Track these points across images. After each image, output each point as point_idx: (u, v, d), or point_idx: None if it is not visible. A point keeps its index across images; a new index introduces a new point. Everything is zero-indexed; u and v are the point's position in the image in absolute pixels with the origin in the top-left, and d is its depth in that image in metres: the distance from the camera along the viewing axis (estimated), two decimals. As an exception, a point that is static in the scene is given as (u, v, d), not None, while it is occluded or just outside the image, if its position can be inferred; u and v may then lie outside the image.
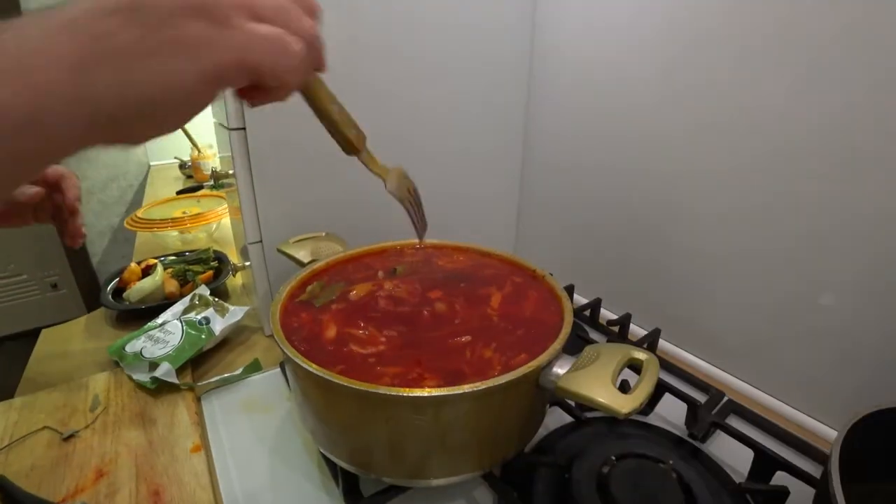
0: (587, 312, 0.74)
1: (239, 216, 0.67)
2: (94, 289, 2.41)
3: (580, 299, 0.79)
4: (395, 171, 0.42)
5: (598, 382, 0.32)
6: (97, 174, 2.25)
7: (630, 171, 0.70)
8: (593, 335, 0.70)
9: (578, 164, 0.78)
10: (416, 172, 0.52)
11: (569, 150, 0.79)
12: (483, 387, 0.33)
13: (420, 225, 0.45)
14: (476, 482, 0.46)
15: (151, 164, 2.28)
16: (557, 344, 0.37)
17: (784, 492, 0.43)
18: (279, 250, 0.56)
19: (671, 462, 0.44)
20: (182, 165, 1.93)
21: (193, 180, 1.78)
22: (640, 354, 0.35)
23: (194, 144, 1.78)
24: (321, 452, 0.44)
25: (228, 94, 0.53)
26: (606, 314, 0.76)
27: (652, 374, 0.33)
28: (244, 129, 0.57)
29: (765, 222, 0.56)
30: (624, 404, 0.30)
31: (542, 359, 0.35)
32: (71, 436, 0.54)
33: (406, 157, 0.69)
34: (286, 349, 0.37)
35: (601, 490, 0.41)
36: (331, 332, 0.42)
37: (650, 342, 0.66)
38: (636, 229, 0.71)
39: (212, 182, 1.49)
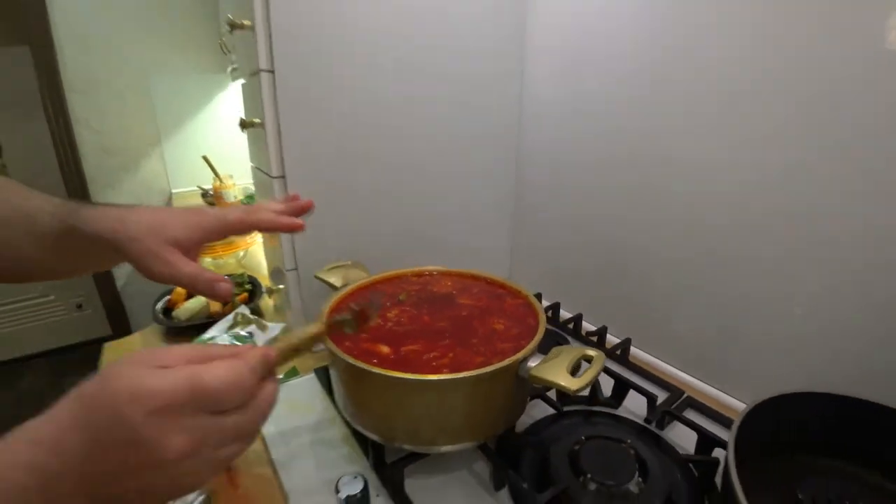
0: (571, 325, 0.87)
1: (275, 245, 0.81)
2: (118, 309, 2.56)
3: (565, 314, 0.91)
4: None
5: (557, 370, 0.45)
6: (120, 200, 2.39)
7: (610, 198, 0.83)
8: (575, 343, 0.83)
9: (564, 195, 0.92)
10: (421, 201, 0.66)
11: (557, 181, 0.93)
12: (477, 373, 0.46)
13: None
14: (476, 456, 0.58)
15: (173, 191, 2.43)
16: (531, 345, 0.50)
17: (715, 462, 0.55)
18: (316, 276, 0.70)
19: (630, 441, 0.56)
20: (204, 194, 2.08)
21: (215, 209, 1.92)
22: (591, 352, 0.48)
23: (216, 174, 1.93)
24: (354, 430, 0.57)
25: (272, 144, 0.67)
26: (588, 326, 0.88)
27: (597, 365, 0.46)
28: (284, 177, 0.72)
29: (718, 251, 0.69)
30: (573, 383, 0.43)
31: (519, 355, 0.48)
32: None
33: (409, 184, 0.84)
34: (334, 349, 0.50)
35: (572, 462, 0.54)
36: (362, 343, 0.55)
37: (623, 349, 0.79)
38: (613, 253, 0.84)
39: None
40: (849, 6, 0.52)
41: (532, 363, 0.48)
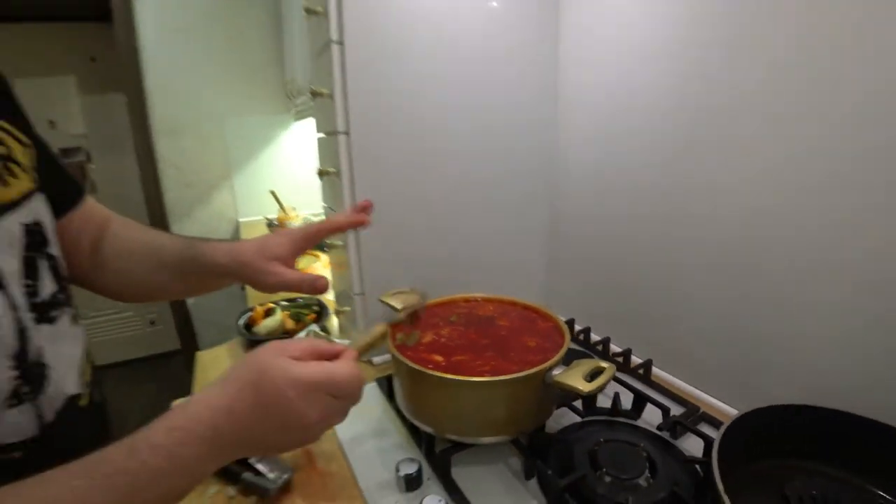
0: (600, 347, 0.97)
1: (344, 272, 0.96)
2: (187, 325, 2.79)
3: (595, 337, 1.02)
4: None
5: (575, 377, 0.57)
6: (193, 228, 2.65)
7: (638, 232, 0.94)
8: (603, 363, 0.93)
9: (594, 227, 1.04)
10: (468, 234, 0.79)
11: (588, 214, 1.05)
12: (511, 377, 0.58)
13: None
14: (510, 452, 0.70)
15: (240, 220, 2.67)
16: (556, 357, 0.62)
17: (717, 463, 0.64)
18: (380, 300, 0.84)
19: (643, 445, 0.67)
20: (269, 224, 2.30)
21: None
22: (603, 364, 0.60)
23: (281, 207, 2.14)
24: (410, 426, 0.70)
25: (346, 190, 0.82)
26: (616, 348, 0.98)
27: (608, 374, 0.57)
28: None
29: (741, 288, 0.79)
30: (586, 387, 0.54)
31: (545, 365, 0.60)
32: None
33: (458, 219, 0.98)
34: (398, 355, 0.63)
35: (591, 458, 0.65)
36: (421, 353, 0.69)
37: (645, 368, 0.89)
38: (641, 283, 0.95)
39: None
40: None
41: (556, 372, 0.60)
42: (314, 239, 0.64)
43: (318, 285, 0.60)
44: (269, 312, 1.18)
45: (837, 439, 0.61)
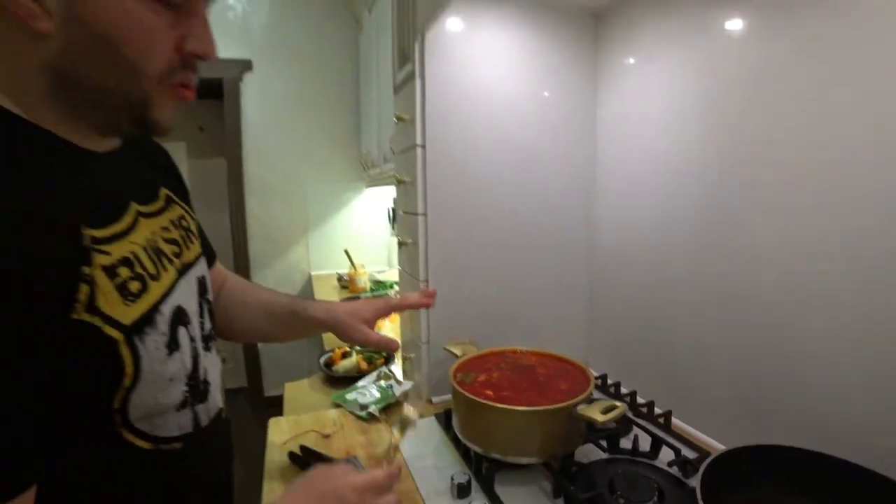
0: (628, 399, 1.13)
1: (414, 325, 1.18)
2: (255, 365, 3.06)
3: (624, 390, 1.17)
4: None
5: (593, 410, 0.74)
6: (270, 277, 2.98)
7: (665, 291, 1.11)
8: (627, 412, 1.08)
9: (627, 289, 1.21)
10: (517, 295, 1.00)
11: (622, 277, 1.23)
12: (545, 408, 0.77)
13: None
14: (544, 475, 0.86)
15: (312, 273, 2.98)
16: (581, 396, 0.80)
17: (715, 496, 0.79)
18: (445, 348, 1.05)
19: (655, 478, 0.82)
20: (339, 278, 2.58)
21: (348, 291, 2.40)
22: (617, 403, 0.77)
23: (353, 264, 2.42)
24: (463, 446, 0.88)
25: (421, 258, 1.05)
26: (642, 399, 1.13)
27: (619, 410, 0.74)
28: (427, 281, 1.09)
29: (755, 343, 0.94)
30: (601, 417, 0.72)
31: (572, 401, 0.78)
32: (327, 436, 1.02)
33: (509, 283, 1.17)
34: (458, 388, 0.83)
35: (610, 484, 0.80)
36: (476, 389, 0.88)
37: (665, 417, 1.03)
38: (665, 338, 1.11)
39: (369, 294, 2.07)
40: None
41: (580, 407, 0.78)
42: (392, 311, 0.84)
43: (392, 347, 0.80)
44: (345, 355, 1.41)
45: (816, 477, 0.74)
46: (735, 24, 0.86)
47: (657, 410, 1.08)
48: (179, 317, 0.55)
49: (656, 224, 1.09)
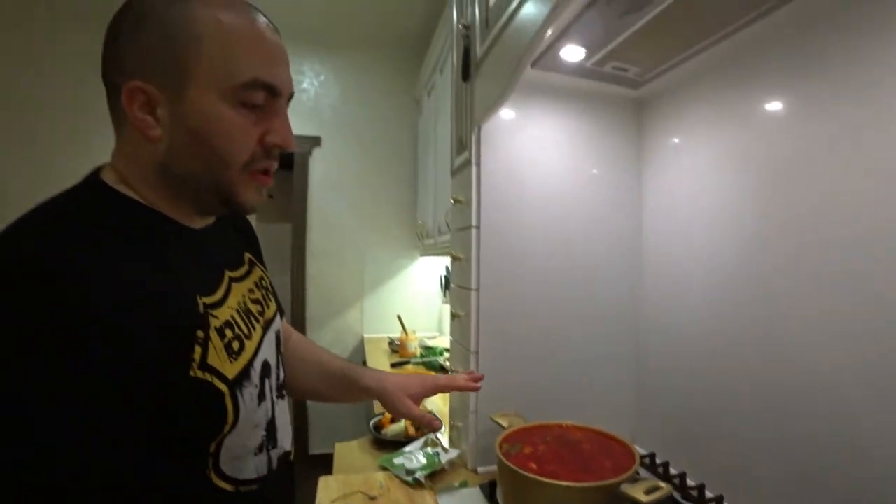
0: (676, 480, 1.11)
1: (463, 395, 1.23)
2: (303, 427, 3.11)
3: (673, 470, 1.16)
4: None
5: (637, 490, 0.76)
6: (325, 337, 3.09)
7: (711, 375, 1.12)
8: (675, 494, 1.07)
9: (674, 367, 1.22)
10: (565, 370, 1.03)
11: (669, 355, 1.24)
12: (590, 485, 0.79)
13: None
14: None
15: (364, 335, 3.08)
16: (625, 475, 0.82)
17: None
18: (491, 418, 1.09)
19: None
20: (391, 342, 2.66)
21: (398, 355, 2.46)
22: (661, 483, 0.78)
23: (404, 329, 2.50)
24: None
25: (473, 330, 1.11)
26: (691, 482, 1.11)
27: (663, 491, 0.76)
28: (478, 353, 1.16)
29: (801, 432, 0.94)
30: (644, 498, 0.74)
31: (616, 479, 0.80)
32: (373, 498, 1.07)
33: (557, 358, 1.21)
34: (504, 460, 0.87)
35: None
36: (522, 462, 0.92)
37: (718, 501, 1.02)
38: (715, 421, 1.10)
39: (418, 359, 2.14)
40: None
41: (624, 485, 0.80)
42: (438, 391, 0.89)
43: (434, 426, 0.84)
44: (395, 419, 1.46)
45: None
46: (775, 107, 0.91)
47: (708, 494, 1.06)
48: (266, 370, 0.63)
49: (706, 300, 1.11)
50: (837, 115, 0.80)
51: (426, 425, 0.84)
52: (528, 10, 0.88)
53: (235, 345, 0.56)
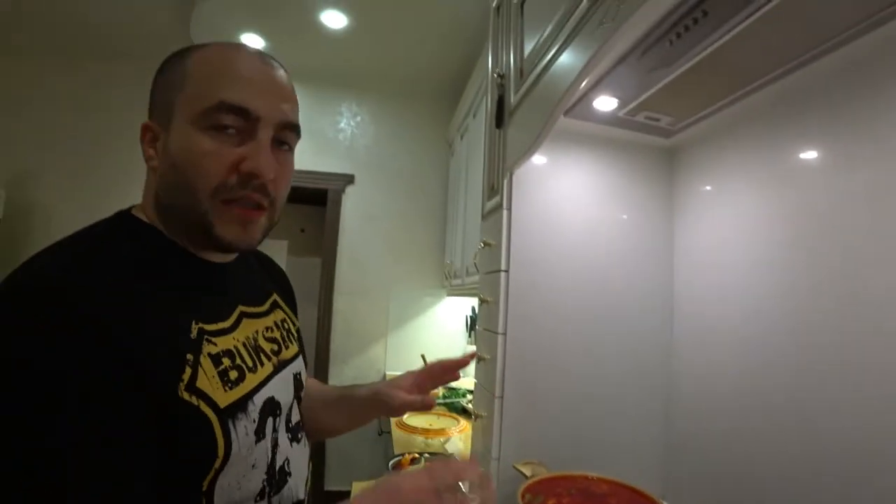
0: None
1: (487, 438, 1.20)
2: (320, 455, 3.08)
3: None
4: None
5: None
6: (348, 373, 3.08)
7: (745, 437, 1.07)
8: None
9: (705, 427, 1.18)
10: (586, 415, 1.00)
11: (703, 415, 1.20)
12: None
13: None
14: None
15: (387, 372, 3.07)
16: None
17: None
18: (514, 466, 1.06)
19: None
20: (413, 379, 2.64)
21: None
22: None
23: (427, 367, 2.49)
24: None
25: (498, 373, 1.10)
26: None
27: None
28: (503, 398, 1.14)
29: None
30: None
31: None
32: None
33: (582, 409, 1.18)
34: (527, 511, 0.84)
35: None
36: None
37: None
38: (746, 484, 1.05)
39: (441, 399, 2.12)
40: None
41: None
42: (432, 375, 0.90)
43: (427, 402, 0.86)
44: (414, 460, 1.44)
45: None
46: (811, 158, 0.91)
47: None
48: (271, 407, 0.61)
49: (738, 355, 1.07)
50: (875, 168, 0.78)
51: (420, 405, 0.86)
52: (563, 62, 0.91)
53: (233, 374, 0.56)
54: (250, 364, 0.60)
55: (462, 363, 0.92)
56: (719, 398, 1.13)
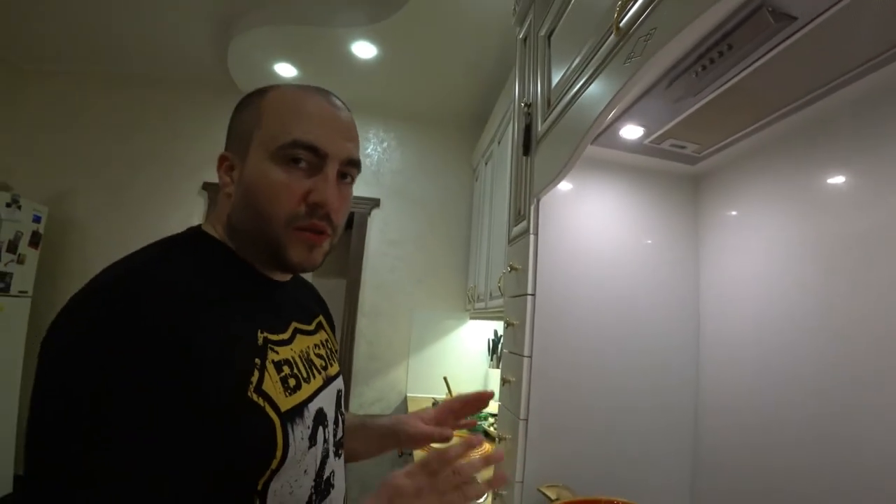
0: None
1: (510, 461, 1.20)
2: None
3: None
4: None
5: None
6: (369, 395, 3.10)
7: (774, 456, 1.05)
8: None
9: (734, 455, 1.16)
10: (611, 438, 1.00)
11: (732, 439, 1.18)
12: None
13: None
14: None
15: (408, 395, 3.07)
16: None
17: None
18: (539, 489, 1.06)
19: None
20: (434, 403, 2.63)
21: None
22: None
23: (450, 392, 2.49)
24: None
25: (524, 397, 1.11)
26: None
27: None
28: (527, 420, 1.15)
29: None
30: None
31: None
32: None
33: (604, 424, 1.17)
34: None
35: None
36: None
37: None
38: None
39: (463, 423, 2.10)
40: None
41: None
42: (452, 408, 0.93)
43: (445, 434, 0.87)
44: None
45: None
46: (839, 183, 0.91)
47: None
48: (321, 418, 0.65)
49: (770, 386, 1.05)
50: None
51: (439, 437, 0.88)
52: (591, 93, 0.94)
53: (292, 381, 0.60)
54: (304, 374, 0.64)
55: (480, 401, 0.94)
56: (747, 427, 1.11)
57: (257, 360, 0.56)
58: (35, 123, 3.14)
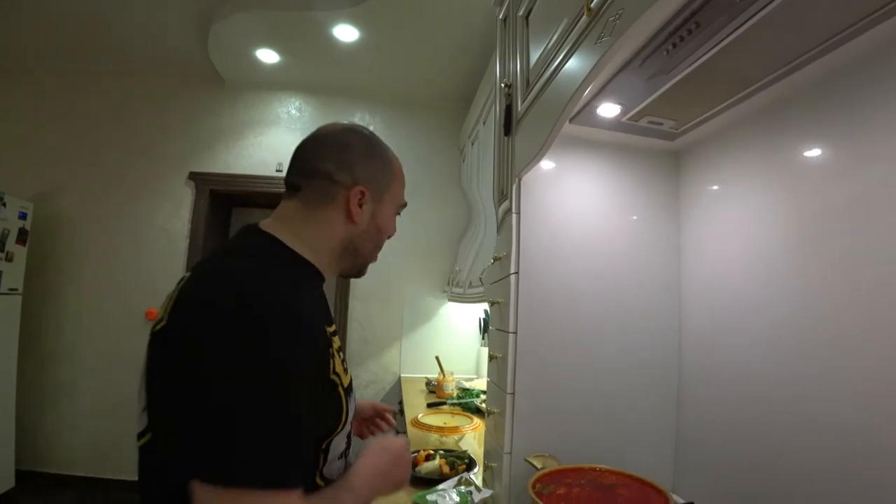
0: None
1: (500, 436, 1.25)
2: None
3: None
4: None
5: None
6: (363, 375, 3.14)
7: (751, 424, 1.10)
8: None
9: (713, 416, 1.20)
10: (596, 410, 1.04)
11: (713, 407, 1.23)
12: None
13: None
14: None
15: (402, 375, 3.12)
16: (659, 521, 0.82)
17: None
18: (526, 459, 1.10)
19: None
20: (428, 383, 2.69)
21: (435, 396, 2.48)
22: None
23: (441, 371, 2.53)
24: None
25: (510, 372, 1.15)
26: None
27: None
28: (514, 394, 1.18)
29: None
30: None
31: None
32: (412, 537, 1.09)
33: (593, 401, 1.21)
34: (537, 500, 0.89)
35: None
36: (552, 501, 0.93)
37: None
38: (755, 473, 1.08)
39: (455, 400, 2.16)
40: None
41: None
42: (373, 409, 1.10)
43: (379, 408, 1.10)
44: (429, 457, 1.48)
45: None
46: (814, 155, 0.94)
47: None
48: (352, 390, 0.81)
49: (748, 348, 1.09)
50: (876, 164, 0.81)
51: (373, 413, 1.10)
52: (567, 71, 0.96)
53: (345, 364, 0.76)
54: (344, 357, 0.80)
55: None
56: (728, 392, 1.16)
57: (330, 350, 0.70)
58: (17, 120, 3.11)
